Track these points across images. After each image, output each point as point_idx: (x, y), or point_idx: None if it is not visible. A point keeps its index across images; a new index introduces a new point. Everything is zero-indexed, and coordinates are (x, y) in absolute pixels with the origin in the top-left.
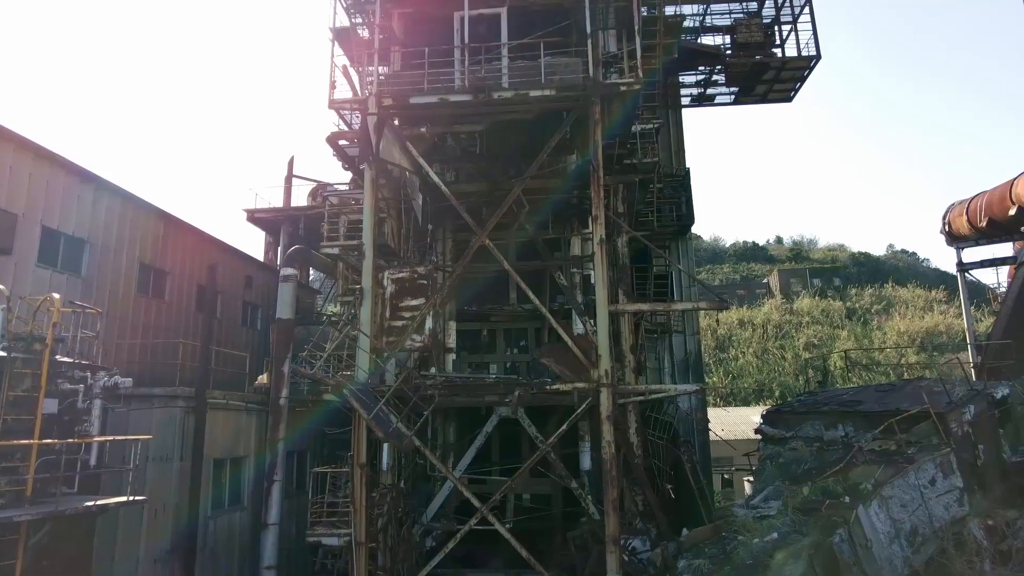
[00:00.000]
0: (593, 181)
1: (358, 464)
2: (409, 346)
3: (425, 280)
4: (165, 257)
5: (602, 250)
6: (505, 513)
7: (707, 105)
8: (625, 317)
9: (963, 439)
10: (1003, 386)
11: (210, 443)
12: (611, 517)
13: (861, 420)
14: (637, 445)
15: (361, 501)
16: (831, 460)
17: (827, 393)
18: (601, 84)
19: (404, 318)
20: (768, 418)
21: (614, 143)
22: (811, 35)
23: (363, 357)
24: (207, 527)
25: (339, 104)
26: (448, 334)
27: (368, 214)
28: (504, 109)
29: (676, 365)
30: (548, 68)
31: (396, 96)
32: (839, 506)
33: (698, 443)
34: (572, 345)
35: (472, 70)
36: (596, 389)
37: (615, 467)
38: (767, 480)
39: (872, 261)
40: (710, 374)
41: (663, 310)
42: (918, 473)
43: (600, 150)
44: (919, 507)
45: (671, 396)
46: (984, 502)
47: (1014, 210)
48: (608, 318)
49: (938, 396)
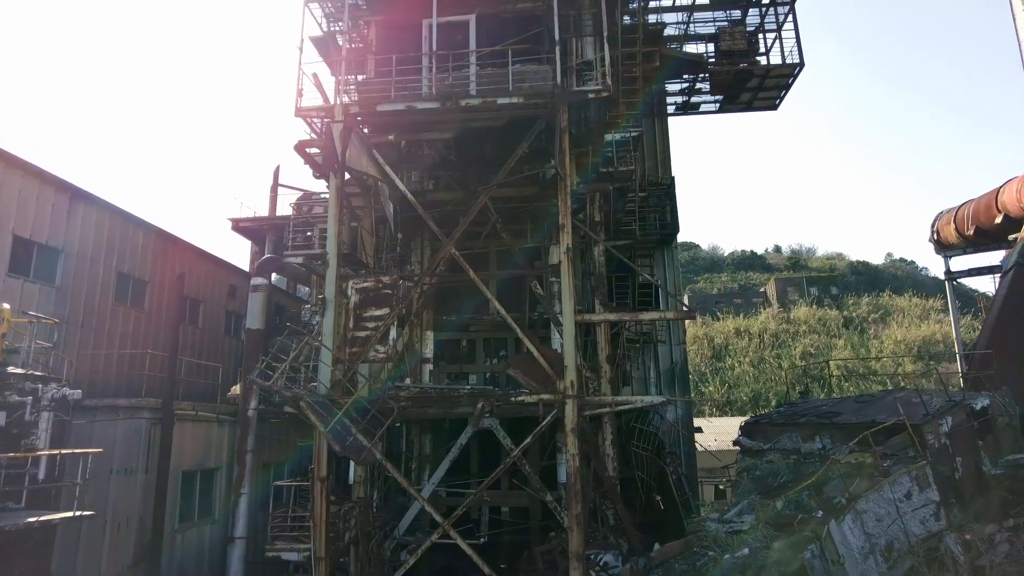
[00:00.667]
0: (560, 189)
1: (318, 477)
2: (372, 357)
3: (390, 290)
4: (145, 267)
5: (568, 259)
6: (480, 527)
7: (692, 113)
8: (602, 327)
9: (940, 451)
10: (983, 397)
11: (178, 455)
12: (574, 532)
13: (838, 432)
14: (613, 457)
15: (321, 515)
16: (807, 473)
17: (807, 404)
18: (569, 92)
19: (368, 328)
20: (746, 429)
21: (587, 151)
22: (794, 43)
23: (324, 369)
24: (173, 540)
25: (306, 112)
26: (425, 344)
27: (332, 223)
28: (472, 117)
29: (662, 375)
30: (518, 76)
31: (363, 103)
32: (811, 521)
33: (684, 454)
34: (538, 356)
35: (440, 77)
36: (562, 401)
37: (579, 480)
38: (743, 493)
39: (871, 270)
40: (706, 383)
41: (630, 319)
42: (893, 487)
43: (568, 158)
44: (894, 521)
45: (638, 407)
46: (962, 516)
47: (1000, 218)
48: (575, 328)
49: (915, 407)
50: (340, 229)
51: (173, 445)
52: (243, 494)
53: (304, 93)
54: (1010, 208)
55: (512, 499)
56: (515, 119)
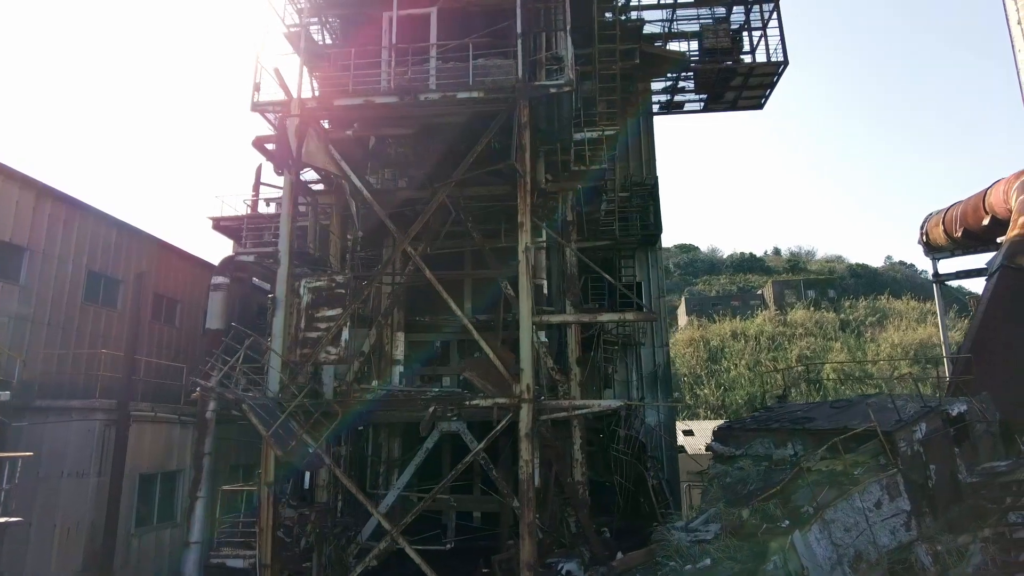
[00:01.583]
0: (520, 186)
1: (265, 483)
2: (324, 359)
3: (343, 289)
4: (118, 265)
5: (526, 258)
6: (446, 533)
7: (676, 112)
8: (573, 329)
9: (913, 459)
10: (960, 402)
11: (135, 457)
12: (526, 541)
13: (810, 438)
14: (581, 462)
15: (267, 522)
16: (777, 480)
17: (783, 409)
18: (530, 86)
19: (320, 329)
20: (719, 435)
21: (556, 148)
22: (779, 41)
23: (273, 370)
24: (128, 545)
25: (263, 107)
26: (396, 345)
27: (285, 220)
28: (433, 112)
29: (645, 378)
30: (481, 70)
31: (321, 98)
32: (776, 531)
33: (666, 458)
34: (494, 358)
35: (399, 72)
36: (517, 405)
37: (531, 487)
38: (711, 501)
39: (870, 273)
40: (701, 386)
41: (589, 320)
42: (863, 495)
43: (528, 154)
44: (863, 532)
45: (614, 410)
46: (935, 526)
47: (987, 220)
48: (532, 330)
49: (889, 414)
50: (292, 226)
51: (130, 447)
52: (199, 498)
53: (270, 87)
54: (997, 210)
55: (483, 504)
56: (479, 115)
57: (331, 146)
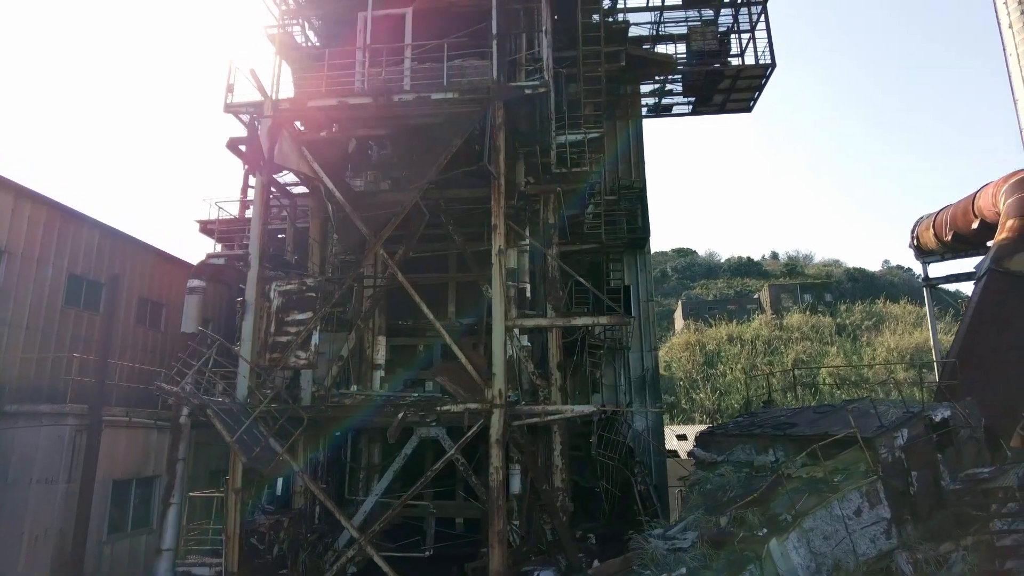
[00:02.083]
0: (494, 188)
1: (233, 489)
2: (293, 363)
3: (314, 292)
4: (100, 269)
5: (500, 261)
6: (425, 539)
7: (665, 116)
8: (553, 333)
9: (894, 466)
10: (944, 408)
11: (109, 463)
12: (495, 550)
13: (791, 444)
14: (561, 468)
15: (234, 529)
16: (758, 487)
17: (767, 414)
18: (505, 87)
19: (290, 333)
20: (701, 440)
21: (535, 151)
22: (766, 43)
23: (241, 375)
24: (101, 552)
25: (236, 108)
26: (376, 349)
27: (256, 222)
28: (407, 113)
29: (633, 382)
30: (457, 71)
31: (294, 99)
32: (753, 539)
33: (654, 463)
34: (466, 362)
35: (375, 72)
36: (488, 410)
37: (501, 494)
38: (691, 508)
39: (867, 277)
40: (697, 390)
41: (563, 324)
42: (842, 503)
43: (502, 156)
44: (843, 540)
45: (567, 416)
46: (916, 534)
47: (977, 223)
48: (505, 334)
49: (870, 419)
50: (264, 229)
51: (103, 453)
52: (172, 504)
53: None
54: (986, 213)
55: (465, 511)
56: (455, 116)
57: (304, 148)
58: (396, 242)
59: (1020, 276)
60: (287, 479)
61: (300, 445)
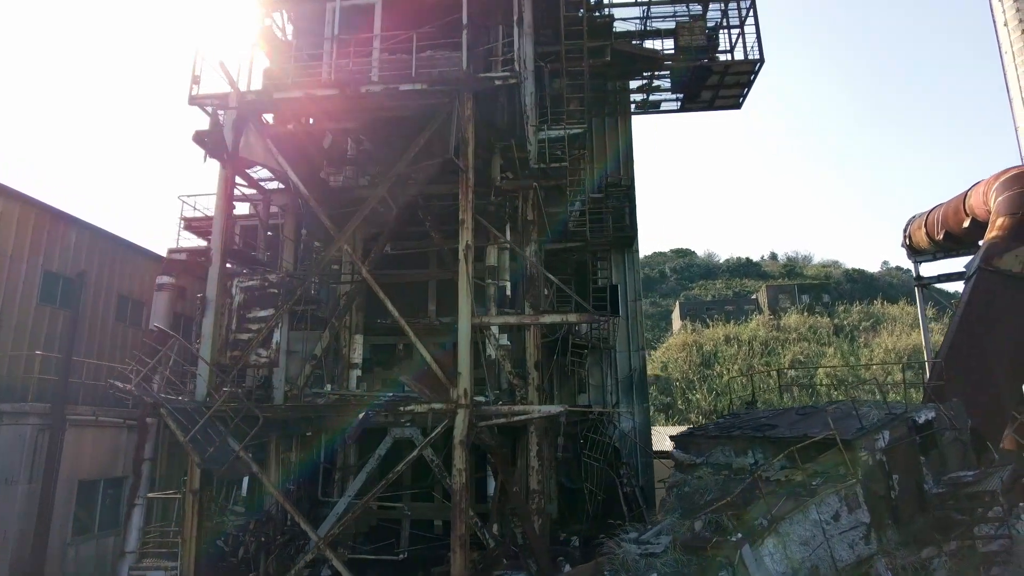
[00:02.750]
0: (462, 182)
1: (190, 490)
2: (254, 361)
3: (276, 289)
4: (78, 267)
5: (467, 257)
6: (400, 542)
7: (653, 112)
8: (531, 331)
9: (875, 469)
10: (928, 409)
11: (74, 463)
12: (457, 555)
13: (770, 447)
14: (537, 470)
15: (191, 532)
16: (735, 490)
17: (749, 415)
18: (474, 79)
19: (251, 331)
20: (680, 442)
21: (511, 145)
22: (755, 39)
23: (203, 373)
24: (64, 555)
25: (201, 100)
26: (354, 348)
27: (219, 216)
28: (376, 105)
29: (620, 382)
30: (428, 62)
31: (261, 91)
32: (726, 545)
33: (640, 465)
34: (431, 361)
35: (341, 64)
36: (453, 410)
37: (464, 497)
38: (667, 512)
39: (866, 278)
40: (694, 391)
41: (530, 322)
42: (820, 507)
43: (470, 148)
44: (821, 545)
45: (533, 418)
46: (898, 539)
47: (968, 222)
48: (471, 332)
49: (851, 421)
50: (226, 223)
51: (69, 453)
52: (137, 505)
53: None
54: (977, 212)
55: (443, 513)
56: (425, 109)
57: (270, 141)
58: (374, 238)
59: (1010, 275)
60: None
61: (272, 446)
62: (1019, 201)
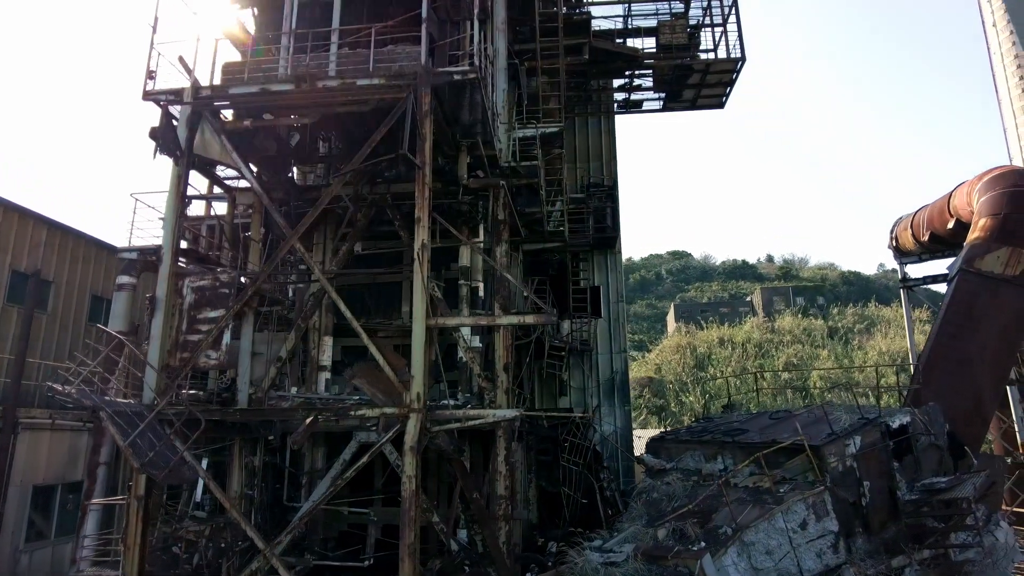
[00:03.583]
0: (418, 179)
1: (135, 496)
2: (203, 364)
3: (227, 289)
4: (48, 265)
5: (422, 257)
6: (365, 548)
7: (636, 112)
8: (499, 332)
9: (845, 475)
10: (902, 414)
11: (28, 468)
12: (406, 564)
13: (740, 452)
14: (505, 475)
15: (135, 539)
16: (700, 497)
17: (723, 419)
18: (432, 73)
19: (202, 332)
20: (651, 446)
21: (476, 142)
22: (737, 38)
23: (149, 375)
24: (17, 561)
25: (156, 95)
26: (323, 350)
27: (170, 215)
28: (334, 100)
29: (602, 385)
30: (388, 56)
31: (216, 86)
32: (688, 554)
33: (622, 469)
34: (384, 363)
35: (299, 58)
36: (405, 415)
37: (414, 505)
38: (634, 518)
39: (862, 280)
40: (687, 393)
41: (487, 323)
42: (786, 515)
43: (427, 144)
44: (787, 555)
45: (489, 422)
46: (868, 547)
47: (952, 223)
48: (426, 334)
49: (822, 426)
50: (178, 221)
51: (22, 457)
52: (92, 511)
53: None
54: (961, 213)
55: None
56: (387, 105)
57: (224, 137)
58: (345, 238)
59: (991, 277)
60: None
61: (235, 450)
62: (1001, 202)
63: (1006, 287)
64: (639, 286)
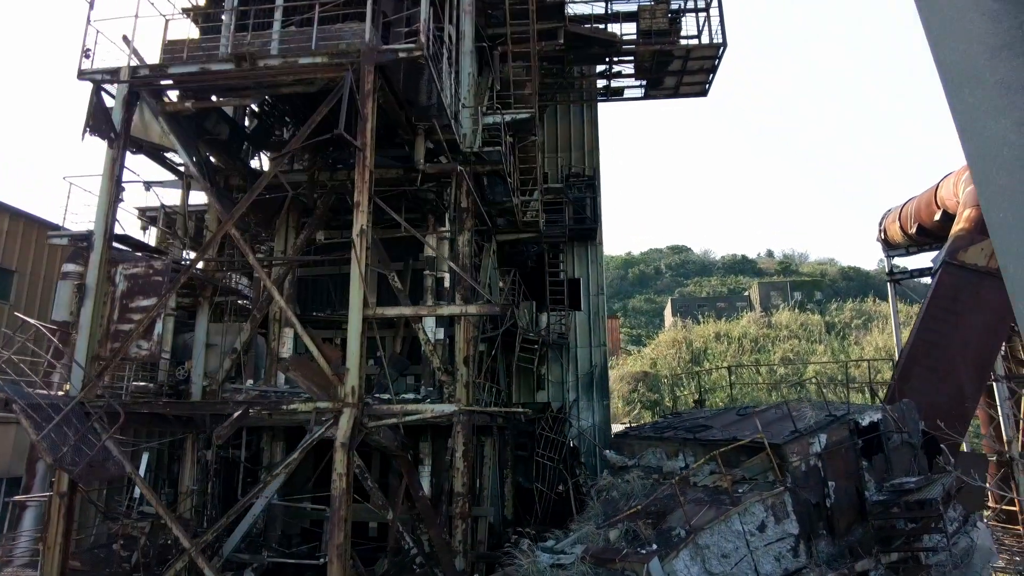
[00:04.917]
0: (358, 161)
1: (57, 492)
2: (134, 354)
3: (161, 276)
4: (12, 256)
5: (362, 243)
6: (321, 546)
7: (617, 99)
8: (462, 323)
9: (808, 475)
10: (873, 411)
11: None
12: (334, 565)
13: (700, 450)
14: (463, 471)
15: (56, 539)
16: (652, 496)
17: (690, 415)
18: (375, 51)
19: (133, 321)
20: (614, 442)
21: (434, 126)
22: (718, 23)
23: (75, 368)
24: None
25: (92, 74)
26: (283, 342)
27: (103, 198)
28: (277, 80)
29: (580, 379)
30: (332, 34)
31: (154, 66)
32: (636, 557)
33: (600, 465)
34: (318, 356)
35: (240, 36)
36: (339, 410)
37: (344, 504)
38: (590, 518)
39: (861, 275)
40: (682, 388)
41: (428, 314)
42: (744, 517)
43: (369, 124)
44: (744, 558)
45: (427, 418)
46: (830, 551)
47: (939, 215)
48: (363, 325)
49: (787, 423)
50: (111, 206)
51: None
52: (31, 506)
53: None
54: (948, 204)
55: (375, 515)
56: (333, 85)
57: (162, 119)
58: (304, 227)
59: (975, 269)
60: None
61: (188, 445)
62: None
63: (990, 280)
64: (638, 280)
